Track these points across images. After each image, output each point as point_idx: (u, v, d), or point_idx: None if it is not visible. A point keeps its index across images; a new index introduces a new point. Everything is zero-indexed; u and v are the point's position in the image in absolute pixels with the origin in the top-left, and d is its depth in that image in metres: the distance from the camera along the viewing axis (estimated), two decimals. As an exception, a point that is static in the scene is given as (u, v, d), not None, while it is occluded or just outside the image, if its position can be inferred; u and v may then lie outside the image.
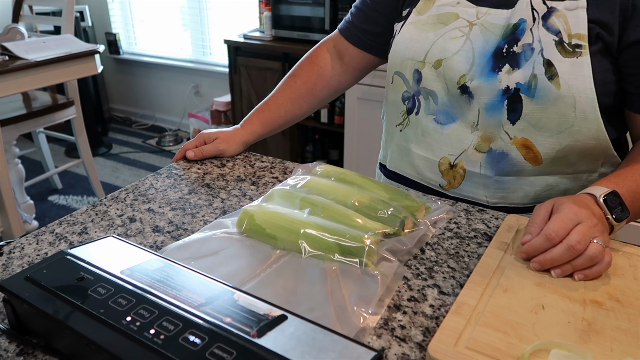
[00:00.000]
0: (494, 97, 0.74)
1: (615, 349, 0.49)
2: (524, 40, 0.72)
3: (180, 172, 0.91)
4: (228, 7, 3.34)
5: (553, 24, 0.71)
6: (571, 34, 0.69)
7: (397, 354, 0.50)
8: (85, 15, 3.63)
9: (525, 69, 0.71)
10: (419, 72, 0.81)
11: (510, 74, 0.72)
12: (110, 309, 0.46)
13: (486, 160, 0.79)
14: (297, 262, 0.62)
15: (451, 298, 0.58)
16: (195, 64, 3.60)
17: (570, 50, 0.69)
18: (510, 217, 0.72)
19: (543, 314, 0.53)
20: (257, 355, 0.41)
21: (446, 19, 0.79)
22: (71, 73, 2.11)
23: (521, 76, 0.71)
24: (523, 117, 0.73)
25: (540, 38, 0.71)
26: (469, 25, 0.77)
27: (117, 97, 4.21)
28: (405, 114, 0.87)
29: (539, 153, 0.75)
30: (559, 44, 0.70)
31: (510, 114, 0.74)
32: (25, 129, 2.28)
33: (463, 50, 0.76)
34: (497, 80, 0.73)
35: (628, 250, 0.64)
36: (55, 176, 2.96)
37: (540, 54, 0.70)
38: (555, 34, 0.70)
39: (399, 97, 0.88)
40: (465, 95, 0.77)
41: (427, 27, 0.80)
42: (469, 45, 0.76)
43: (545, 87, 0.70)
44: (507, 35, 0.73)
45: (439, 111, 0.81)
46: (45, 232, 0.72)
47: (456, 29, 0.77)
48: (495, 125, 0.76)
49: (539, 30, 0.71)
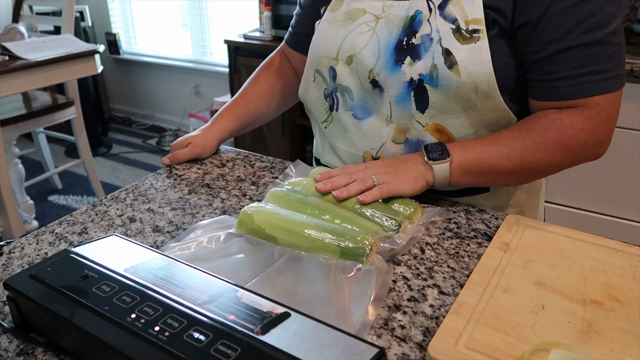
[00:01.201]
0: (401, 89, 0.76)
1: (615, 349, 0.49)
2: (422, 31, 0.73)
3: (180, 172, 0.91)
4: (228, 7, 3.34)
5: (450, 12, 0.71)
6: (468, 19, 0.70)
7: (397, 354, 0.50)
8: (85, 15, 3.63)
9: (425, 60, 0.72)
10: (334, 69, 0.83)
11: (412, 65, 0.74)
12: (114, 306, 0.47)
13: (404, 151, 0.80)
14: (297, 261, 0.63)
15: (451, 298, 0.58)
16: (195, 64, 3.60)
17: (468, 37, 0.70)
18: (511, 217, 0.72)
19: (543, 314, 0.53)
20: (261, 352, 0.41)
21: (354, 14, 0.80)
22: (71, 73, 2.11)
23: (422, 67, 0.73)
24: (431, 106, 0.75)
25: (438, 27, 0.72)
26: (375, 19, 0.78)
27: (117, 97, 4.21)
28: (329, 111, 0.89)
29: (451, 134, 0.77)
30: (456, 31, 0.71)
31: (418, 104, 0.76)
32: (25, 129, 2.28)
33: (370, 44, 0.78)
34: (402, 73, 0.75)
35: (628, 250, 0.64)
36: (55, 176, 2.96)
37: (438, 44, 0.71)
38: (452, 22, 0.71)
39: (321, 94, 0.89)
40: (376, 89, 0.78)
41: (338, 23, 0.82)
42: (375, 39, 0.77)
43: (446, 76, 0.71)
44: (406, 27, 0.74)
45: (356, 106, 0.83)
46: (45, 232, 0.73)
47: (363, 23, 0.79)
48: (407, 116, 0.78)
49: (436, 20, 0.72)
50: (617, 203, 1.78)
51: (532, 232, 0.69)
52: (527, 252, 0.64)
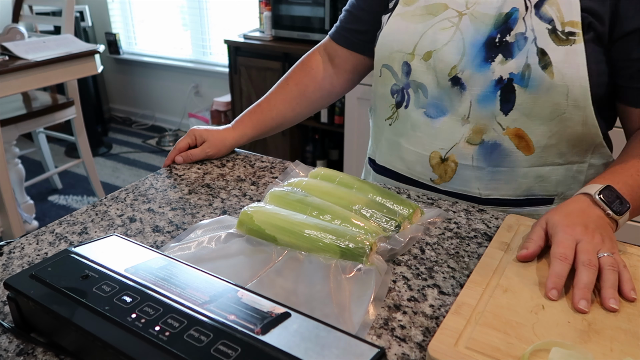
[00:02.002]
0: (487, 88, 0.74)
1: (615, 349, 0.49)
2: (516, 29, 0.71)
3: (180, 172, 0.91)
4: (228, 7, 3.35)
5: (546, 12, 0.70)
6: (564, 21, 0.69)
7: (397, 354, 0.50)
8: (85, 15, 3.63)
9: (518, 59, 0.71)
10: (408, 65, 0.80)
11: (503, 64, 0.72)
12: (115, 306, 0.47)
13: (478, 152, 0.78)
14: (297, 262, 0.63)
15: (451, 298, 0.58)
16: (195, 64, 3.60)
17: (564, 38, 0.69)
18: (510, 217, 0.72)
19: (543, 314, 0.53)
20: (261, 352, 0.41)
21: (435, 9, 0.78)
22: (71, 73, 2.11)
23: (514, 66, 0.71)
24: (516, 107, 0.73)
25: (533, 27, 0.70)
26: (459, 15, 0.75)
27: (117, 97, 4.21)
28: (395, 108, 0.86)
29: (531, 141, 0.75)
30: (552, 32, 0.69)
31: (503, 105, 0.73)
32: (25, 129, 2.28)
33: (453, 40, 0.75)
34: (490, 71, 0.73)
35: (628, 250, 0.64)
36: (55, 176, 2.96)
37: (533, 43, 0.70)
38: (548, 22, 0.69)
39: (387, 90, 0.87)
40: (457, 87, 0.76)
41: (416, 18, 0.79)
42: (459, 36, 0.75)
43: (539, 76, 0.70)
44: (500, 24, 0.72)
45: (429, 104, 0.80)
46: (45, 232, 0.73)
47: (445, 19, 0.76)
48: (488, 117, 0.75)
49: (531, 19, 0.70)
50: (617, 203, 1.78)
51: (532, 232, 0.68)
52: (527, 252, 0.64)
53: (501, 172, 0.79)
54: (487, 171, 0.79)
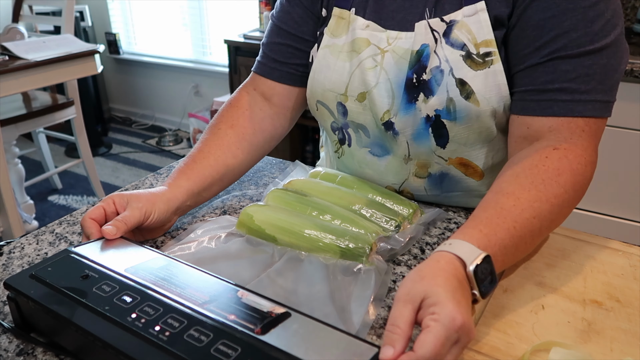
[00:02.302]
0: (418, 126, 0.70)
1: (615, 349, 0.49)
2: (430, 64, 0.66)
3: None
4: (228, 7, 3.34)
5: (456, 38, 0.65)
6: (477, 42, 0.64)
7: (398, 354, 0.50)
8: (85, 15, 3.63)
9: (439, 95, 0.66)
10: (343, 105, 0.75)
11: (426, 102, 0.67)
12: (115, 306, 0.47)
13: (429, 183, 0.76)
14: (297, 262, 0.63)
15: (451, 298, 0.58)
16: (195, 64, 3.60)
17: (481, 61, 0.64)
18: (510, 217, 0.72)
19: (543, 314, 0.53)
20: (260, 352, 0.41)
21: (358, 46, 0.71)
22: (71, 73, 2.11)
23: (437, 102, 0.66)
24: (452, 140, 0.69)
25: (447, 57, 0.65)
26: (381, 52, 0.70)
27: (117, 97, 4.21)
28: (339, 144, 0.82)
29: (477, 167, 0.72)
30: (467, 57, 0.64)
31: (437, 140, 0.70)
32: (25, 129, 2.28)
33: (380, 82, 0.70)
34: (417, 110, 0.68)
35: (628, 250, 0.65)
36: (55, 176, 2.96)
37: (451, 75, 0.65)
38: (460, 47, 0.65)
39: (328, 126, 0.81)
40: (389, 132, 0.72)
41: (343, 55, 0.73)
42: (385, 76, 0.70)
43: (464, 107, 0.65)
44: (413, 64, 0.67)
45: (373, 144, 0.76)
46: (45, 232, 0.73)
47: (370, 57, 0.71)
48: (427, 152, 0.72)
49: (443, 49, 0.65)
50: (617, 203, 1.78)
51: (532, 232, 0.68)
52: (527, 252, 0.64)
53: (458, 196, 0.78)
54: (444, 196, 0.78)
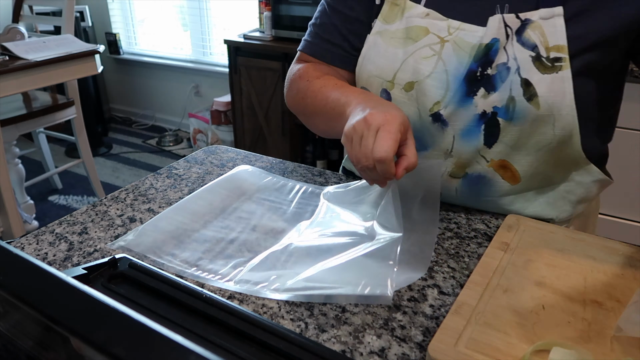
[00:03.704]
0: (470, 122, 0.68)
1: (615, 349, 0.49)
2: (498, 60, 0.66)
3: (180, 172, 0.91)
4: (228, 7, 3.34)
5: (528, 37, 0.65)
6: (549, 46, 0.64)
7: (397, 354, 0.50)
8: (85, 15, 3.62)
9: (501, 92, 0.65)
10: (388, 93, 0.73)
11: (486, 98, 0.66)
12: None
13: (462, 185, 0.74)
14: None
15: (451, 298, 0.58)
16: (195, 64, 3.60)
17: (549, 65, 0.64)
18: (510, 217, 0.72)
19: (543, 314, 0.53)
20: None
21: (415, 34, 0.70)
22: (71, 73, 2.11)
23: (498, 99, 0.66)
24: (500, 140, 0.68)
25: (515, 55, 0.65)
26: (440, 42, 0.69)
27: (117, 97, 4.21)
28: None
29: (517, 172, 0.71)
30: (536, 59, 0.64)
31: (487, 139, 0.69)
32: (25, 129, 2.27)
33: (436, 72, 0.69)
34: (473, 105, 0.67)
35: (628, 250, 0.64)
36: (55, 176, 2.95)
37: (517, 74, 0.65)
38: (531, 48, 0.64)
39: None
40: (437, 123, 0.70)
41: (395, 41, 0.72)
42: (442, 67, 0.68)
43: (524, 108, 0.65)
44: (480, 57, 0.66)
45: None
46: (45, 232, 0.73)
47: (427, 46, 0.69)
48: (472, 151, 0.70)
49: (513, 47, 0.65)
50: (617, 203, 1.78)
51: (532, 232, 0.68)
52: (527, 252, 0.64)
53: (487, 202, 0.76)
54: (472, 201, 0.77)
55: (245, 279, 0.61)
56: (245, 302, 0.58)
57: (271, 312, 0.56)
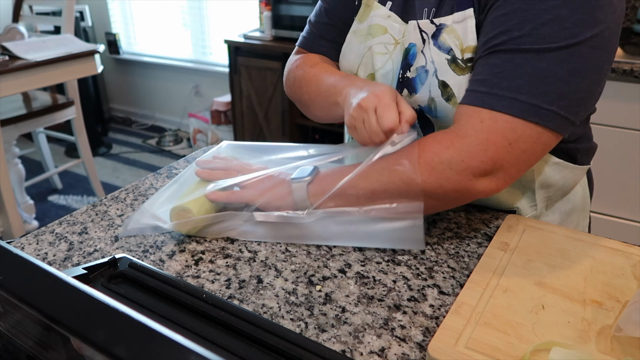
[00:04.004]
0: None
1: (615, 349, 0.49)
2: (416, 63, 0.69)
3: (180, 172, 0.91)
4: (228, 7, 3.34)
5: (444, 41, 0.66)
6: (463, 48, 0.65)
7: (397, 354, 0.50)
8: (85, 15, 3.63)
9: (422, 93, 0.69)
10: None
11: (410, 98, 0.71)
12: None
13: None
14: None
15: (451, 298, 0.58)
16: (195, 64, 3.60)
17: (464, 67, 0.65)
18: (510, 217, 0.72)
19: (543, 314, 0.53)
20: None
21: (375, 30, 0.75)
22: (71, 73, 2.11)
23: (420, 100, 0.70)
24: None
25: (432, 59, 0.67)
26: (394, 43, 0.73)
27: (117, 97, 4.21)
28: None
29: None
30: (452, 62, 0.66)
31: (424, 130, 0.75)
32: (25, 129, 2.28)
33: (384, 69, 0.74)
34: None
35: (628, 250, 0.64)
36: (55, 176, 2.96)
37: (434, 76, 0.67)
38: (447, 52, 0.66)
39: None
40: None
41: (361, 37, 0.77)
42: (390, 65, 0.74)
43: (444, 108, 0.68)
44: (401, 60, 0.71)
45: None
46: (45, 232, 0.73)
47: (382, 44, 0.74)
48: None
49: (430, 51, 0.68)
50: (617, 203, 1.78)
51: (532, 232, 0.68)
52: (527, 252, 0.64)
53: None
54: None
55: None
56: (245, 302, 0.58)
57: (271, 312, 0.56)
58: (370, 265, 0.64)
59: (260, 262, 0.65)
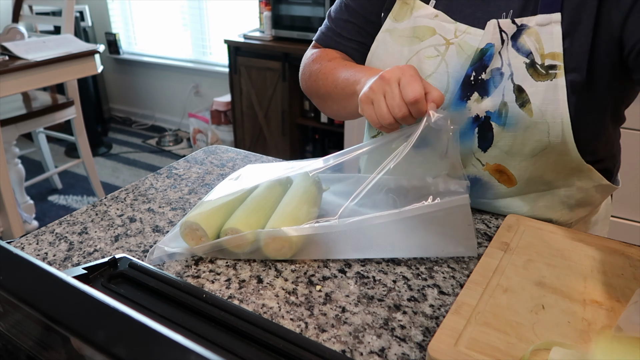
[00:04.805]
0: (464, 125, 0.70)
1: (615, 349, 0.49)
2: (492, 65, 0.66)
3: (180, 172, 0.91)
4: (228, 7, 3.34)
5: (524, 43, 0.64)
6: (544, 53, 0.63)
7: (397, 354, 0.50)
8: (85, 15, 3.63)
9: (494, 97, 0.66)
10: None
11: (479, 102, 0.68)
12: None
13: None
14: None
15: (451, 298, 0.58)
16: (195, 64, 3.60)
17: (544, 73, 0.63)
18: (511, 217, 0.72)
19: (543, 314, 0.53)
20: None
21: (422, 33, 0.72)
22: (71, 73, 2.11)
23: (491, 104, 0.67)
24: (495, 145, 0.69)
25: (509, 61, 0.65)
26: (446, 43, 0.70)
27: (117, 97, 4.21)
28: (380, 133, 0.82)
29: (512, 175, 0.72)
30: (530, 66, 0.64)
31: (481, 142, 0.70)
32: (25, 129, 2.28)
33: (437, 73, 0.70)
34: (467, 109, 0.69)
35: (628, 250, 0.64)
36: (55, 176, 2.96)
37: (510, 80, 0.65)
38: (526, 55, 0.64)
39: None
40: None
41: (403, 40, 0.74)
42: (444, 68, 0.70)
43: (517, 114, 0.65)
44: (475, 61, 0.67)
45: None
46: (45, 232, 0.73)
47: (432, 46, 0.71)
48: (466, 153, 0.72)
49: (508, 52, 0.65)
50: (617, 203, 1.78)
51: (532, 232, 0.68)
52: (527, 252, 0.64)
53: (483, 204, 0.78)
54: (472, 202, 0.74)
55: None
56: (245, 302, 0.58)
57: (271, 312, 0.56)
58: (370, 265, 0.64)
59: (260, 262, 0.65)
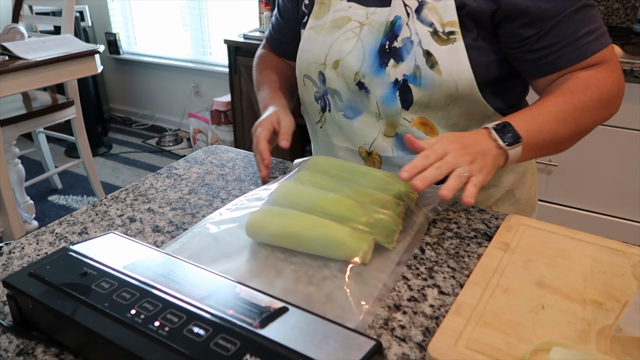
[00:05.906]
0: (387, 89, 0.80)
1: (615, 349, 0.49)
2: (402, 35, 0.77)
3: (180, 172, 0.91)
4: (228, 7, 3.34)
5: (425, 16, 0.76)
6: (443, 22, 0.75)
7: (397, 354, 0.50)
8: (85, 15, 3.62)
9: (408, 62, 0.77)
10: (322, 74, 0.87)
11: (395, 67, 0.78)
12: (114, 302, 0.47)
13: (395, 144, 0.85)
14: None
15: (451, 298, 0.58)
16: (195, 64, 3.60)
17: (445, 38, 0.75)
18: (510, 217, 0.72)
19: (543, 314, 0.53)
20: (260, 345, 0.41)
21: (340, 22, 0.84)
22: (71, 73, 2.11)
23: (406, 68, 0.77)
24: (415, 103, 0.79)
25: (417, 31, 0.76)
26: (360, 25, 0.82)
27: (117, 97, 4.21)
28: (321, 112, 0.93)
29: (434, 125, 0.82)
30: (434, 34, 0.75)
31: (403, 103, 0.80)
32: (25, 129, 2.27)
33: (355, 49, 0.82)
34: (386, 75, 0.79)
35: (628, 250, 0.64)
36: (55, 176, 2.95)
37: (419, 46, 0.76)
38: (429, 25, 0.75)
39: (312, 97, 0.93)
40: (362, 90, 0.83)
41: (325, 31, 0.86)
42: (360, 44, 0.82)
43: (429, 75, 0.76)
44: (387, 32, 0.78)
45: (346, 107, 0.88)
46: (45, 232, 0.73)
47: (349, 30, 0.83)
48: (394, 114, 0.82)
49: (414, 24, 0.76)
50: (617, 203, 1.78)
51: (532, 232, 0.69)
52: (527, 252, 0.64)
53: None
54: (408, 159, 0.84)
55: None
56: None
57: (271, 311, 0.56)
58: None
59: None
